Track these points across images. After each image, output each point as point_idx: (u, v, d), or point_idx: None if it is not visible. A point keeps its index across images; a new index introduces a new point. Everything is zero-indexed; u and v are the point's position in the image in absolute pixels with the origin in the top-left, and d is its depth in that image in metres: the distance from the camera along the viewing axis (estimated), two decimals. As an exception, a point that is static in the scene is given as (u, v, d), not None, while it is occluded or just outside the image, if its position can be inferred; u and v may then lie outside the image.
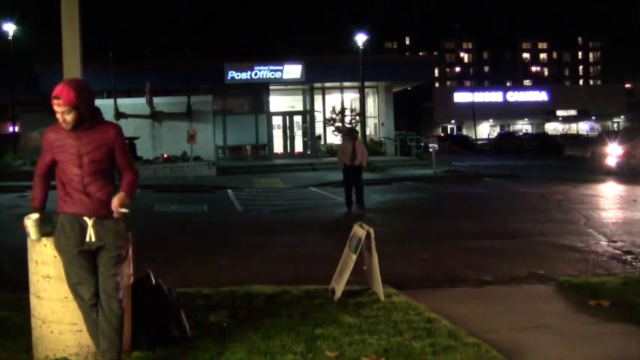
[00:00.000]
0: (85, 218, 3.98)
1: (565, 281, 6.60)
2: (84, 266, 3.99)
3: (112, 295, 4.00)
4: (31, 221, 4.06)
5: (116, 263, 4.03)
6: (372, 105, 39.53)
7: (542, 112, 70.84)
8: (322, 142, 36.28)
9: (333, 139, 36.55)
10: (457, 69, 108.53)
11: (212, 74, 33.73)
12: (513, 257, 8.38)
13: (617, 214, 13.09)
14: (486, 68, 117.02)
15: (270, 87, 36.12)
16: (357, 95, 37.14)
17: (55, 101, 3.89)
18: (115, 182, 4.16)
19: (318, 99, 38.16)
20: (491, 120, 71.73)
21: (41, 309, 4.27)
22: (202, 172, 26.13)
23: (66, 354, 4.21)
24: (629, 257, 8.37)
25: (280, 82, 35.39)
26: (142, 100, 28.43)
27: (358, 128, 35.85)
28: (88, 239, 3.98)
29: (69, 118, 3.90)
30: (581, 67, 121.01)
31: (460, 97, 70.59)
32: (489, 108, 68.94)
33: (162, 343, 4.43)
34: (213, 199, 18.32)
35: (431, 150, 26.56)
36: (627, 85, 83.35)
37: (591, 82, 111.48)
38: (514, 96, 72.54)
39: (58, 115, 3.93)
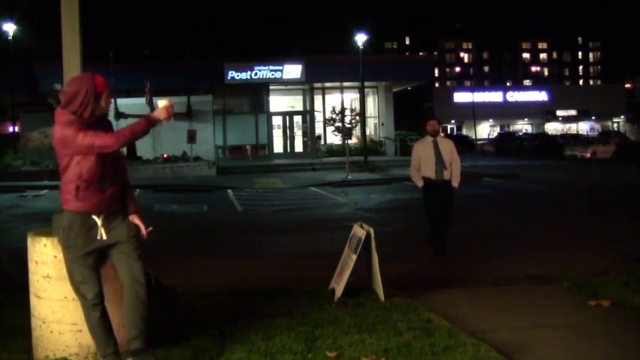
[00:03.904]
0: (94, 217, 3.96)
1: (565, 281, 6.59)
2: (89, 265, 3.97)
3: (139, 281, 3.97)
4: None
5: (136, 249, 4.03)
6: (372, 105, 39.53)
7: (542, 112, 70.71)
8: (322, 142, 36.29)
9: (333, 139, 36.56)
10: (457, 69, 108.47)
11: (212, 74, 33.75)
12: (513, 257, 8.37)
13: None
14: (486, 68, 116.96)
15: (270, 87, 36.12)
16: (357, 95, 37.14)
17: (107, 85, 4.01)
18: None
19: (318, 99, 38.17)
20: (491, 120, 71.63)
21: (41, 309, 4.27)
22: (202, 172, 26.13)
23: (66, 354, 4.21)
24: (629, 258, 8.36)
25: (280, 82, 35.40)
26: (142, 100, 28.43)
27: (358, 128, 35.94)
28: (99, 237, 3.97)
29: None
30: (581, 67, 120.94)
31: (460, 97, 70.51)
32: (489, 108, 68.84)
33: (162, 343, 4.43)
34: (213, 199, 18.33)
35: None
36: (627, 85, 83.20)
37: (591, 82, 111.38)
38: (514, 96, 72.42)
39: (98, 102, 3.95)
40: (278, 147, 36.01)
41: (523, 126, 72.82)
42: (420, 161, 8.75)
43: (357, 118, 35.31)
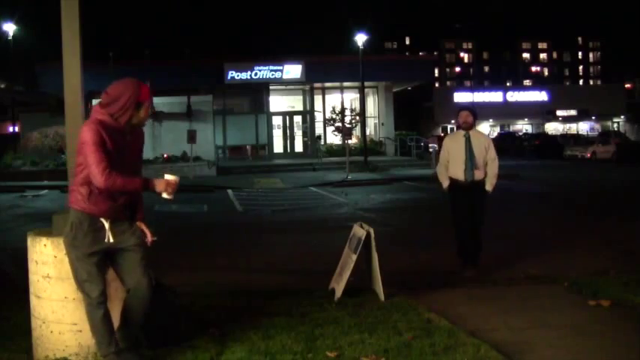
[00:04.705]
0: (102, 219, 3.95)
1: (565, 281, 6.59)
2: (95, 263, 3.96)
3: (140, 292, 3.99)
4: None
5: (142, 258, 4.02)
6: (372, 105, 39.51)
7: (542, 112, 70.69)
8: (322, 142, 36.29)
9: (333, 139, 36.58)
10: (457, 69, 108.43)
11: (212, 74, 33.74)
12: (513, 257, 8.37)
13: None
14: (486, 68, 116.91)
15: (270, 87, 36.11)
16: (357, 95, 37.13)
17: (150, 95, 4.07)
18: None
19: (318, 99, 38.15)
20: (491, 120, 71.59)
21: (41, 309, 4.27)
22: (202, 172, 26.14)
23: (66, 354, 4.21)
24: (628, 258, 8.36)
25: (280, 82, 35.38)
26: (142, 100, 28.44)
27: (358, 128, 35.94)
28: (106, 240, 3.96)
29: None
30: (581, 67, 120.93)
31: (460, 97, 70.43)
32: (489, 108, 68.75)
33: (162, 343, 4.43)
34: (213, 199, 18.33)
35: (431, 150, 26.57)
36: (627, 85, 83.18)
37: (591, 82, 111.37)
38: (514, 96, 72.41)
39: (138, 110, 4.07)
40: (278, 147, 36.02)
41: (523, 126, 72.84)
42: (448, 158, 7.56)
43: (357, 118, 35.33)
